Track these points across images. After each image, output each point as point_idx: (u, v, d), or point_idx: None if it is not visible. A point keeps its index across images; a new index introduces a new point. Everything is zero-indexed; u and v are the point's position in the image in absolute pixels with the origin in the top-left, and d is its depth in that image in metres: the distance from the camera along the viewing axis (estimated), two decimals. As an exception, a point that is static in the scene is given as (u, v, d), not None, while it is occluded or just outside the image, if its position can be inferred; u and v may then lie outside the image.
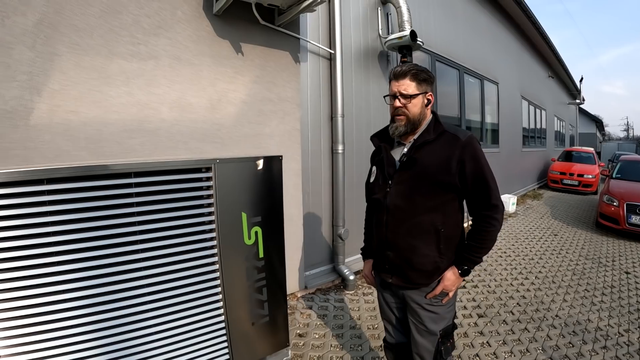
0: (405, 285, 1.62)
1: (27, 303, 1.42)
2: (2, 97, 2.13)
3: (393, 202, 1.58)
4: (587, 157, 12.34)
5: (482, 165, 1.47)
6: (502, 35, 8.76)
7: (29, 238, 1.40)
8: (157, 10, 2.57)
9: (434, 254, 1.53)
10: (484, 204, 1.49)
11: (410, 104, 1.54)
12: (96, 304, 1.53)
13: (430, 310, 1.59)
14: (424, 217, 1.52)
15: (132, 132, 2.54)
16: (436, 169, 1.48)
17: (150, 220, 1.61)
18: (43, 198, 1.42)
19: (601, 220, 6.53)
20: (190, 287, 1.73)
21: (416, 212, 1.52)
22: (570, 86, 18.44)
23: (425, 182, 1.50)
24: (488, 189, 1.47)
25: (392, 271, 1.63)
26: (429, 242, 1.53)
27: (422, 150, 1.53)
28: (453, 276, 1.54)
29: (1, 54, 2.12)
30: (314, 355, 2.63)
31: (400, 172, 1.58)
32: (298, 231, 3.60)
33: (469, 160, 1.46)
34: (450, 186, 1.49)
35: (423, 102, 1.57)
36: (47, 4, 2.22)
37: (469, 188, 1.49)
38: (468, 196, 1.52)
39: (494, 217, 1.47)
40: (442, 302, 1.59)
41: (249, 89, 3.11)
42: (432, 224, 1.51)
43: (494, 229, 1.48)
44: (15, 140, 2.17)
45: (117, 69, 2.46)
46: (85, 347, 1.53)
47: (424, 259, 1.53)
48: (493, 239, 1.51)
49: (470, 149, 1.47)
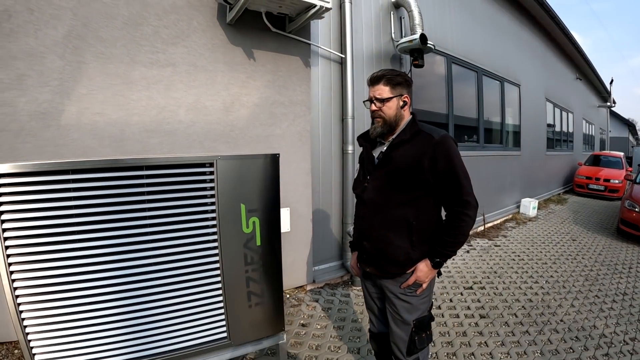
0: (381, 275, 1.74)
1: (55, 273, 1.69)
2: (35, 100, 2.42)
3: (369, 196, 1.72)
4: (615, 162, 11.92)
5: (454, 163, 1.57)
6: (525, 37, 8.63)
7: (57, 218, 1.67)
8: (175, 21, 2.81)
9: (406, 245, 1.64)
10: (456, 200, 1.58)
11: (385, 107, 1.67)
12: (111, 277, 1.78)
13: (404, 300, 1.70)
14: (397, 210, 1.64)
15: (151, 132, 2.78)
16: (409, 166, 1.60)
17: (159, 207, 1.83)
18: (69, 185, 1.67)
19: (622, 227, 6.35)
20: (192, 268, 1.93)
21: (389, 205, 1.65)
22: (600, 88, 17.77)
23: (398, 178, 1.63)
24: (459, 185, 1.56)
25: (369, 261, 1.77)
26: (401, 234, 1.64)
27: (398, 149, 1.65)
28: (425, 268, 1.64)
29: (35, 63, 2.41)
30: (313, 343, 2.79)
31: (377, 169, 1.71)
32: (307, 227, 3.77)
33: (441, 158, 1.56)
34: (422, 182, 1.59)
35: (398, 104, 1.68)
36: (75, 18, 2.50)
37: (441, 184, 1.59)
38: (441, 192, 1.62)
39: (465, 213, 1.57)
40: (416, 292, 1.69)
41: (261, 92, 3.31)
42: (404, 217, 1.62)
43: (465, 224, 1.57)
44: (47, 139, 2.46)
45: (138, 75, 2.71)
46: (101, 315, 1.79)
47: (395, 250, 1.65)
48: (464, 234, 1.60)
49: (443, 147, 1.57)
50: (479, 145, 6.76)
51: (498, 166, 7.34)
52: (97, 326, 1.78)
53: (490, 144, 7.19)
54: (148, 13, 2.71)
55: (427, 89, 5.63)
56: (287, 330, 2.94)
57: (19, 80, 2.37)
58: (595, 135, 18.31)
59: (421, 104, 5.42)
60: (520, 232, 6.60)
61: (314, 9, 2.91)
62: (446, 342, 2.86)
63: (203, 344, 2.01)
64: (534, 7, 8.32)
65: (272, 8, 2.95)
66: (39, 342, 1.72)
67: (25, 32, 2.38)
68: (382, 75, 1.68)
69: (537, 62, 9.46)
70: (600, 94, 18.27)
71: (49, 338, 1.73)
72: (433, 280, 1.75)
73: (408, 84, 1.72)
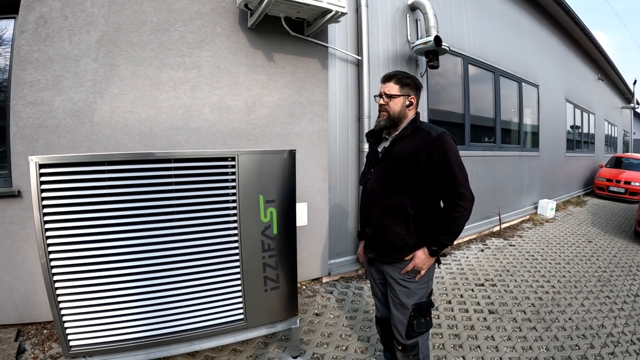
0: (381, 260, 1.89)
1: (89, 254, 1.91)
2: (71, 99, 2.65)
3: (371, 186, 1.89)
4: (638, 164, 11.54)
5: (450, 157, 1.69)
6: (544, 37, 8.55)
7: (93, 205, 1.88)
8: (200, 27, 3.01)
9: (403, 232, 1.78)
10: (450, 192, 1.71)
11: (391, 102, 1.83)
12: (139, 259, 1.99)
13: (403, 285, 1.84)
14: (395, 199, 1.78)
15: (178, 130, 2.99)
16: (407, 160, 1.74)
17: (185, 197, 2.03)
18: (104, 175, 1.88)
19: (639, 229, 6.28)
20: (214, 252, 2.12)
21: (388, 194, 1.80)
22: (623, 89, 17.26)
23: (397, 170, 1.78)
24: (454, 178, 1.69)
25: (371, 246, 1.93)
26: (398, 221, 1.78)
27: (399, 144, 1.80)
28: (423, 255, 1.77)
29: (71, 65, 2.64)
30: (325, 331, 2.94)
31: (380, 162, 1.87)
32: (323, 221, 3.93)
33: (437, 153, 1.69)
34: (419, 174, 1.73)
35: (404, 103, 1.83)
36: (107, 24, 2.72)
37: (437, 177, 1.72)
38: (437, 185, 1.75)
39: (459, 204, 1.69)
40: (415, 278, 1.82)
41: (280, 93, 3.48)
42: (401, 206, 1.77)
43: (460, 215, 1.69)
44: (81, 134, 2.69)
45: (166, 77, 2.92)
46: (129, 294, 2.00)
47: (393, 236, 1.80)
48: (459, 224, 1.72)
49: (439, 143, 1.70)
50: (496, 146, 6.76)
51: (515, 167, 7.32)
52: (125, 304, 1.99)
53: (507, 145, 7.18)
54: (175, 19, 2.92)
55: (443, 89, 5.70)
56: (301, 318, 3.11)
57: (56, 81, 2.61)
58: (618, 137, 17.87)
59: (438, 105, 5.51)
60: (537, 233, 6.58)
61: (330, 13, 3.06)
62: (453, 335, 2.96)
63: (221, 324, 2.20)
64: (553, 6, 8.25)
65: (290, 13, 3.12)
66: (72, 322, 1.92)
67: (60, 37, 2.61)
68: (394, 75, 1.85)
69: (557, 62, 9.36)
70: (623, 94, 17.78)
71: (81, 314, 1.93)
72: (432, 268, 1.88)
73: (417, 87, 1.87)
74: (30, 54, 2.55)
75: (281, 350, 2.66)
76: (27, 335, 2.69)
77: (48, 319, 2.76)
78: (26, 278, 2.69)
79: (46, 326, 2.79)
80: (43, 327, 2.78)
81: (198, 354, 2.57)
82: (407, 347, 1.86)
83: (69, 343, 1.93)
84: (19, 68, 2.53)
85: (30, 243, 2.64)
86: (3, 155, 2.75)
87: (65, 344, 1.92)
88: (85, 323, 1.94)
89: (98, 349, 1.97)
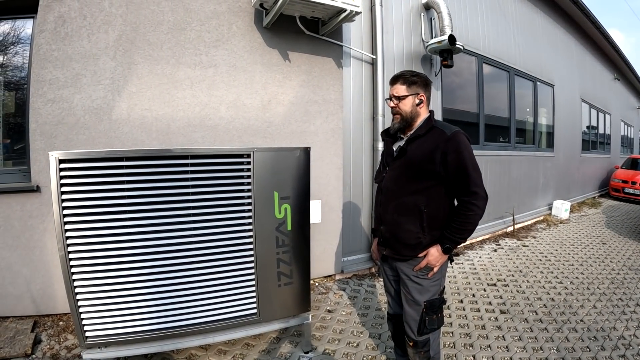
0: (395, 257, 1.91)
1: (107, 247, 1.96)
2: (90, 97, 2.72)
3: (386, 184, 1.91)
4: (655, 166, 11.37)
5: (464, 156, 1.70)
6: (560, 36, 8.44)
7: (111, 199, 1.94)
8: (216, 26, 3.06)
9: (417, 229, 1.79)
10: (464, 190, 1.72)
11: (401, 104, 1.83)
12: (156, 252, 2.04)
13: (416, 282, 1.85)
14: (409, 197, 1.80)
15: (195, 127, 3.05)
16: (421, 159, 1.76)
17: (201, 192, 2.07)
18: (122, 171, 1.93)
19: (655, 232, 6.16)
20: (229, 247, 2.17)
21: (403, 193, 1.82)
22: (640, 89, 17.00)
23: (411, 169, 1.79)
24: (468, 177, 1.69)
25: (385, 244, 1.95)
26: (412, 219, 1.80)
27: (413, 143, 1.81)
28: (436, 252, 1.79)
29: (89, 63, 2.71)
30: (337, 328, 2.97)
31: (394, 160, 1.89)
32: (337, 219, 3.96)
33: (452, 152, 1.70)
34: (433, 173, 1.74)
35: (414, 102, 1.83)
36: (125, 23, 2.79)
37: (451, 176, 1.72)
38: (451, 184, 1.75)
39: (473, 203, 1.70)
40: (427, 275, 1.84)
41: (296, 91, 3.52)
42: (415, 204, 1.78)
43: (473, 213, 1.70)
44: (100, 131, 2.76)
45: (183, 76, 2.97)
46: (146, 286, 2.05)
47: (407, 234, 1.82)
48: (472, 222, 1.73)
49: (454, 142, 1.71)
50: (510, 145, 6.71)
51: (530, 167, 7.25)
52: (140, 297, 2.04)
53: (522, 144, 7.12)
54: (191, 19, 2.97)
55: (458, 88, 5.68)
56: (314, 315, 3.14)
57: (75, 79, 2.68)
58: (634, 137, 17.50)
59: (452, 104, 5.49)
60: (550, 234, 6.52)
61: (344, 12, 3.08)
62: (464, 334, 2.96)
63: (235, 318, 2.25)
64: (568, 5, 8.13)
65: (305, 13, 3.15)
66: (88, 314, 1.98)
67: (79, 36, 2.68)
68: (400, 76, 1.85)
69: (572, 62, 9.22)
70: (640, 94, 17.45)
71: (97, 306, 1.99)
72: (445, 265, 1.89)
73: (425, 84, 1.86)
74: (49, 52, 2.62)
75: (293, 345, 2.69)
76: (44, 326, 2.76)
77: (64, 311, 2.83)
78: (43, 271, 2.77)
79: (62, 318, 2.86)
80: (59, 318, 2.85)
81: (211, 348, 2.61)
82: (419, 343, 1.88)
83: (85, 334, 1.99)
84: (38, 66, 2.60)
85: (48, 237, 2.72)
86: (22, 151, 2.84)
87: (82, 334, 1.98)
88: (101, 315, 1.99)
89: (113, 340, 2.03)
